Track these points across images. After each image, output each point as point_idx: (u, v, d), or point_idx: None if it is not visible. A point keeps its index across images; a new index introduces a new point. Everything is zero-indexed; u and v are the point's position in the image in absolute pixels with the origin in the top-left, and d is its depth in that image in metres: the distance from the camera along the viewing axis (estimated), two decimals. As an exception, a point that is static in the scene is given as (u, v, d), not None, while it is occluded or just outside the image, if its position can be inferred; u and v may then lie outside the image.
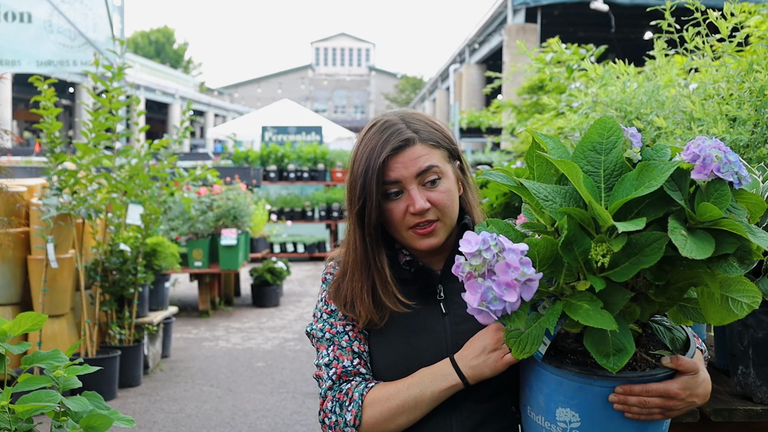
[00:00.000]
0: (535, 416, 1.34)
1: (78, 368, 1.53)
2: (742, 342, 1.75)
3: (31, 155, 11.37)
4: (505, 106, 8.26)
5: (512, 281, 1.12)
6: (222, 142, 27.05)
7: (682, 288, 1.23)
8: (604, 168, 1.21)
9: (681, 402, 1.28)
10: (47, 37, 7.41)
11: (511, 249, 1.13)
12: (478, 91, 23.19)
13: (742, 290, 1.19)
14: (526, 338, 1.21)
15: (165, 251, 5.82)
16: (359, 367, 1.54)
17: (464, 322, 1.53)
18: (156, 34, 54.01)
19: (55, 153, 4.81)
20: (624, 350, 1.16)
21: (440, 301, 1.57)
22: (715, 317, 1.21)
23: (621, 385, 1.24)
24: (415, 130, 1.55)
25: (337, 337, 1.57)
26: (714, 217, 1.13)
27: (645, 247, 1.13)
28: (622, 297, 1.16)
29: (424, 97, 39.65)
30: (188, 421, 4.68)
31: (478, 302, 1.14)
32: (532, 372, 1.34)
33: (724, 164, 1.16)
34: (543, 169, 1.29)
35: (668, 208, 1.16)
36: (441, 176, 1.55)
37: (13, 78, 15.91)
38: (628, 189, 1.15)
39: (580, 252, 1.16)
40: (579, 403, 1.26)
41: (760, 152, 2.14)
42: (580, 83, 3.90)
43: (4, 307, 4.78)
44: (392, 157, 1.52)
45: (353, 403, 1.48)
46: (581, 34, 18.64)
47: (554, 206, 1.19)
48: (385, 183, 1.53)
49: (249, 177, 10.95)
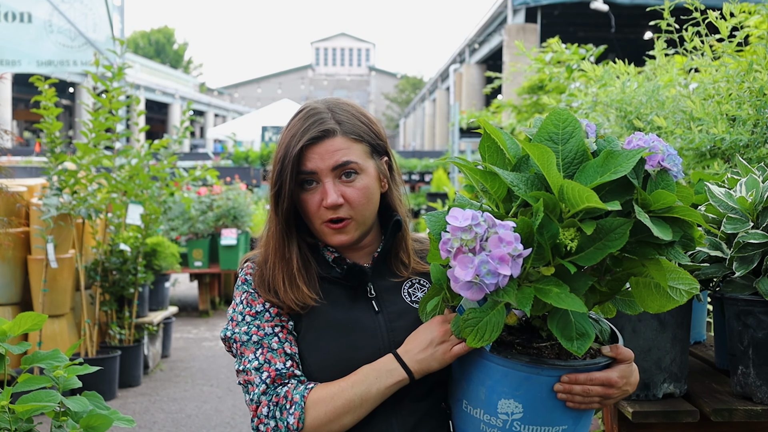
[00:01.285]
0: (472, 410, 1.33)
1: (78, 368, 1.53)
2: (742, 342, 1.75)
3: (31, 155, 11.37)
4: (505, 106, 8.26)
5: (506, 255, 1.12)
6: (222, 142, 27.05)
7: (623, 279, 1.28)
8: (562, 157, 1.24)
9: (618, 390, 1.32)
10: (47, 37, 7.41)
11: (501, 224, 1.14)
12: (478, 91, 23.19)
13: (679, 278, 1.25)
14: (484, 326, 1.22)
15: (165, 251, 5.82)
16: (293, 369, 1.46)
17: (398, 319, 1.51)
18: (156, 34, 54.00)
19: (55, 153, 4.81)
20: (587, 334, 1.20)
21: (372, 299, 1.54)
22: (653, 305, 1.26)
23: (567, 374, 1.26)
24: (339, 121, 1.52)
25: (266, 339, 1.48)
26: (668, 204, 1.18)
27: (610, 231, 1.16)
28: (585, 282, 1.20)
29: (424, 97, 39.66)
30: (188, 421, 4.69)
31: (472, 276, 1.12)
32: (474, 364, 1.33)
33: (668, 156, 1.24)
34: (494, 159, 1.31)
35: (627, 196, 1.20)
36: (359, 172, 1.51)
37: (13, 78, 15.91)
38: (592, 176, 1.19)
39: (548, 236, 1.18)
40: (523, 393, 1.27)
41: (760, 152, 2.15)
42: (579, 83, 3.90)
43: (4, 307, 4.78)
44: (310, 147, 1.49)
45: (294, 406, 1.41)
46: (581, 34, 18.64)
47: (520, 191, 1.21)
48: (300, 173, 1.50)
49: (249, 177, 10.96)
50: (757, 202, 1.71)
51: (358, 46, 78.46)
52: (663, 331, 1.79)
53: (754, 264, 1.69)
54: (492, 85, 7.72)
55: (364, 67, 77.34)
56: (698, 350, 2.23)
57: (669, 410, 1.75)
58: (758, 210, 1.71)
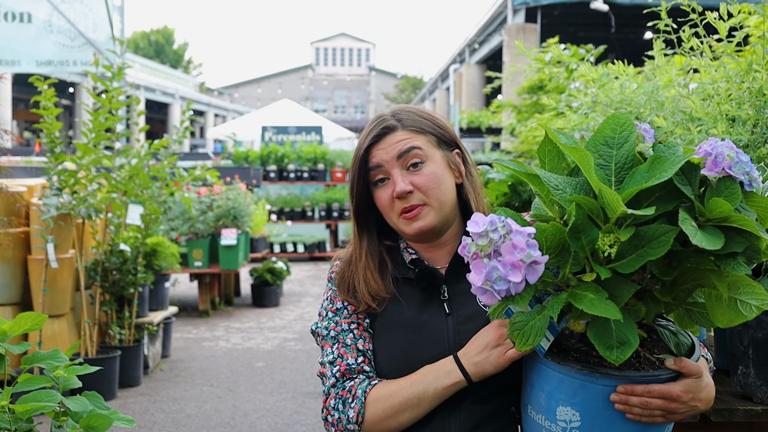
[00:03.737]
0: (535, 415, 1.33)
1: (78, 368, 1.53)
2: (742, 342, 1.75)
3: (31, 155, 11.37)
4: (505, 106, 8.27)
5: (517, 262, 1.12)
6: (222, 142, 27.05)
7: (689, 289, 1.22)
8: (615, 162, 1.22)
9: (683, 405, 1.26)
10: (47, 37, 7.41)
11: (518, 231, 1.14)
12: (478, 91, 23.19)
13: (750, 292, 1.17)
14: (529, 330, 1.21)
15: (165, 251, 5.82)
16: (363, 365, 1.55)
17: (467, 322, 1.53)
18: (156, 34, 53.98)
19: (55, 153, 4.81)
20: (627, 343, 1.15)
21: (444, 301, 1.57)
22: (722, 319, 1.19)
23: (623, 385, 1.22)
24: (399, 119, 1.60)
25: (342, 335, 1.58)
26: (724, 213, 1.12)
27: (653, 239, 1.13)
28: (628, 290, 1.16)
29: (424, 97, 39.65)
30: (188, 421, 4.69)
31: (482, 281, 1.14)
32: (534, 369, 1.33)
33: (736, 163, 1.16)
34: (554, 163, 1.30)
35: (677, 203, 1.17)
36: (425, 159, 1.56)
37: (13, 78, 15.91)
38: (638, 181, 1.16)
39: (587, 241, 1.16)
40: (580, 401, 1.25)
41: (760, 152, 2.15)
42: (579, 83, 3.90)
43: (4, 307, 4.78)
44: (374, 145, 1.58)
45: (356, 400, 1.49)
46: (581, 34, 18.64)
47: (564, 195, 1.19)
48: (369, 169, 1.58)
49: (249, 177, 10.95)
50: (757, 202, 1.70)
51: (358, 46, 78.45)
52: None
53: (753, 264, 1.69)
54: (492, 85, 7.73)
55: (364, 67, 77.32)
56: (698, 350, 2.22)
57: (669, 410, 1.74)
58: (758, 210, 1.71)
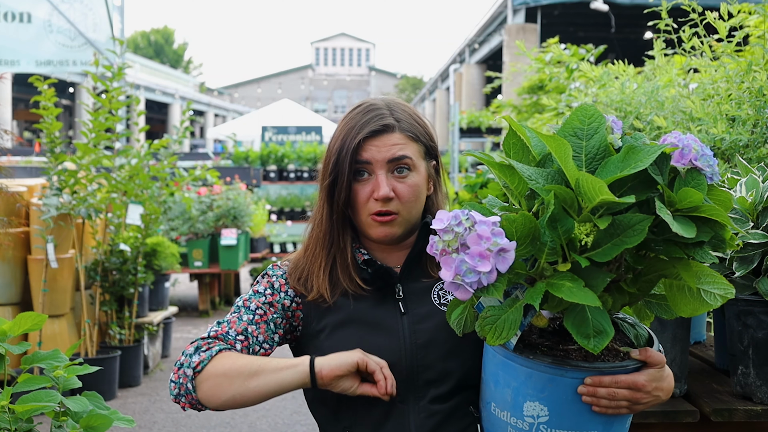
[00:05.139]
0: (500, 413, 1.32)
1: (78, 368, 1.53)
2: (742, 342, 1.75)
3: (31, 155, 11.37)
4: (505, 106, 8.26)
5: (485, 251, 1.12)
6: (222, 142, 27.05)
7: (653, 280, 1.24)
8: (585, 153, 1.22)
9: (647, 395, 1.28)
10: (47, 37, 7.41)
11: (482, 221, 1.13)
12: (478, 91, 23.19)
13: (713, 281, 1.21)
14: (502, 324, 1.20)
15: (165, 251, 5.82)
16: (238, 343, 1.52)
17: (423, 321, 1.52)
18: (155, 34, 53.98)
19: (55, 153, 4.81)
20: (604, 332, 1.17)
21: (399, 300, 1.55)
22: (686, 309, 1.22)
23: (591, 376, 1.23)
24: (398, 119, 1.56)
25: (244, 310, 1.56)
26: (695, 203, 1.15)
27: (628, 228, 1.14)
28: (603, 279, 1.17)
29: (424, 97, 39.66)
30: (188, 421, 4.69)
31: (453, 276, 1.13)
32: (500, 365, 1.32)
33: (701, 156, 1.20)
34: (519, 156, 1.30)
35: (649, 193, 1.18)
36: (412, 169, 1.54)
37: (13, 78, 15.91)
38: (612, 171, 1.16)
39: (563, 231, 1.16)
40: (548, 395, 1.25)
41: (759, 152, 2.15)
42: (579, 83, 3.90)
43: (4, 307, 4.78)
44: (368, 139, 1.53)
45: (208, 352, 1.47)
46: (581, 34, 18.64)
47: (538, 185, 1.19)
48: (356, 162, 1.53)
49: (249, 177, 10.96)
50: (757, 202, 1.71)
51: (358, 46, 78.45)
52: (663, 331, 1.79)
53: (754, 264, 1.69)
54: (492, 84, 7.73)
55: (364, 67, 77.32)
56: (698, 350, 2.23)
57: (669, 410, 1.75)
58: (758, 210, 1.71)
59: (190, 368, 1.47)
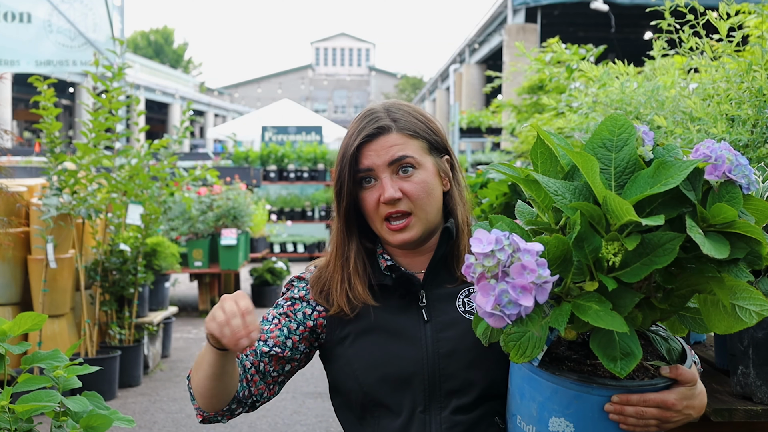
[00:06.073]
0: (525, 426, 1.29)
1: (78, 368, 1.53)
2: (742, 342, 1.75)
3: (31, 155, 11.37)
4: (505, 106, 8.26)
5: (528, 284, 1.05)
6: (222, 142, 27.05)
7: (686, 295, 1.18)
8: (615, 166, 1.17)
9: (677, 414, 1.24)
10: (47, 37, 7.41)
11: (526, 250, 1.06)
12: (478, 91, 23.19)
13: (749, 298, 1.14)
14: (526, 342, 1.15)
15: (165, 251, 5.82)
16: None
17: (446, 329, 1.49)
18: (155, 34, 53.96)
19: (55, 153, 4.81)
20: (632, 354, 1.12)
21: (422, 308, 1.53)
22: (720, 325, 1.16)
23: (618, 395, 1.19)
24: (394, 119, 1.53)
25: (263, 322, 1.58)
26: (728, 219, 1.09)
27: (658, 247, 1.09)
28: (631, 299, 1.11)
29: (424, 97, 39.66)
30: (188, 421, 4.68)
31: (492, 306, 1.06)
32: (525, 379, 1.28)
33: (736, 166, 1.13)
34: (547, 166, 1.24)
35: (681, 209, 1.13)
36: (416, 167, 1.51)
37: (13, 78, 15.91)
38: (642, 187, 1.11)
39: (590, 250, 1.11)
40: (574, 412, 1.22)
41: (759, 152, 2.15)
42: (579, 83, 3.90)
43: (4, 307, 4.78)
44: (366, 145, 1.52)
45: None
46: (581, 34, 18.63)
47: (564, 201, 1.14)
48: (357, 171, 1.52)
49: (249, 177, 10.96)
50: (757, 202, 1.70)
51: (358, 46, 78.45)
52: (663, 331, 1.79)
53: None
54: (492, 84, 7.73)
55: (364, 67, 77.32)
56: (698, 350, 2.23)
57: (669, 410, 1.74)
58: (758, 210, 1.71)
59: (187, 379, 1.53)
